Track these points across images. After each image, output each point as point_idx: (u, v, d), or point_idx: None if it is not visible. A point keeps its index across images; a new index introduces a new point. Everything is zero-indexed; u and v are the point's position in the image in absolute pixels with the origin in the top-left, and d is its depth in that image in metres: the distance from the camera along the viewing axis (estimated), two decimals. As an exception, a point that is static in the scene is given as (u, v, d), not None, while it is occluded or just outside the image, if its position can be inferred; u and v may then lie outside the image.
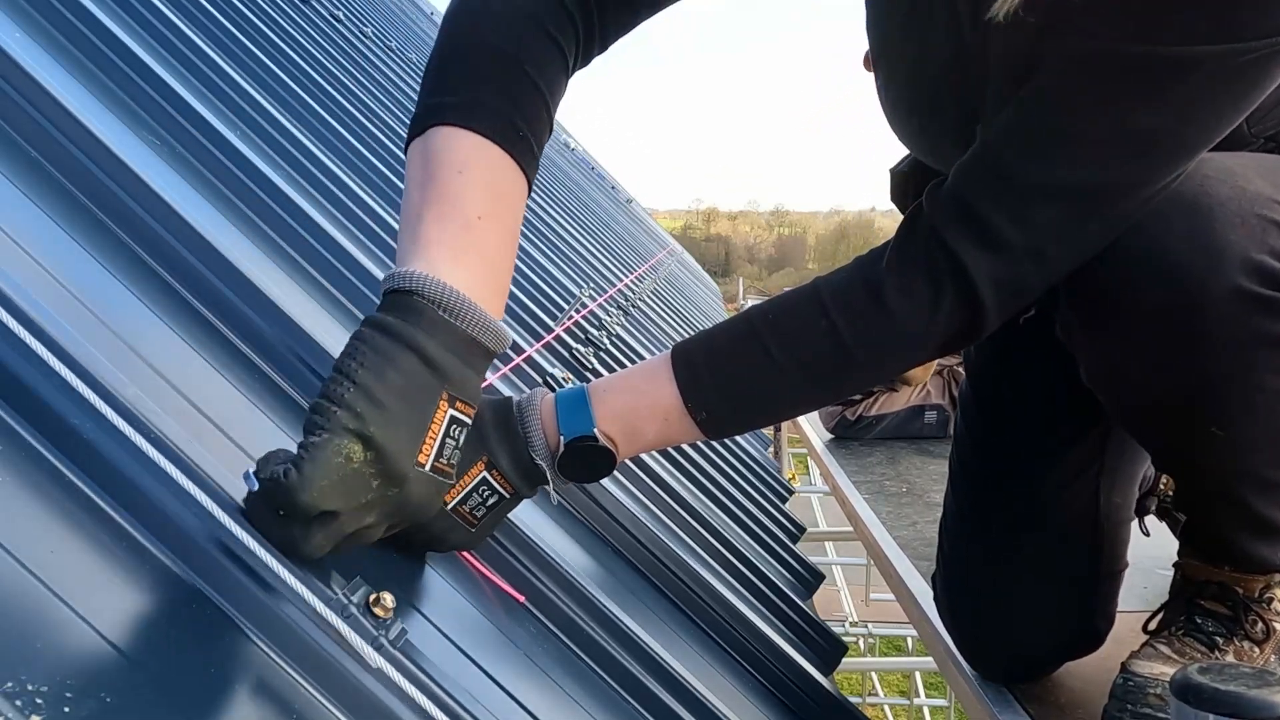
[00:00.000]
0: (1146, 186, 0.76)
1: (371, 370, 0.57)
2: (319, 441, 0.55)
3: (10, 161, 0.72)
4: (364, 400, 0.56)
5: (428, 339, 0.60)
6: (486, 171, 0.69)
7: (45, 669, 0.39)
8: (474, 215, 0.67)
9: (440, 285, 0.61)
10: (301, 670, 0.52)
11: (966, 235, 0.77)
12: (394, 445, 0.57)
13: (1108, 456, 1.03)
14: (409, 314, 0.61)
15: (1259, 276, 0.78)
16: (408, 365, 0.59)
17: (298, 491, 0.53)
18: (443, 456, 0.61)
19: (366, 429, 0.56)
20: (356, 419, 0.55)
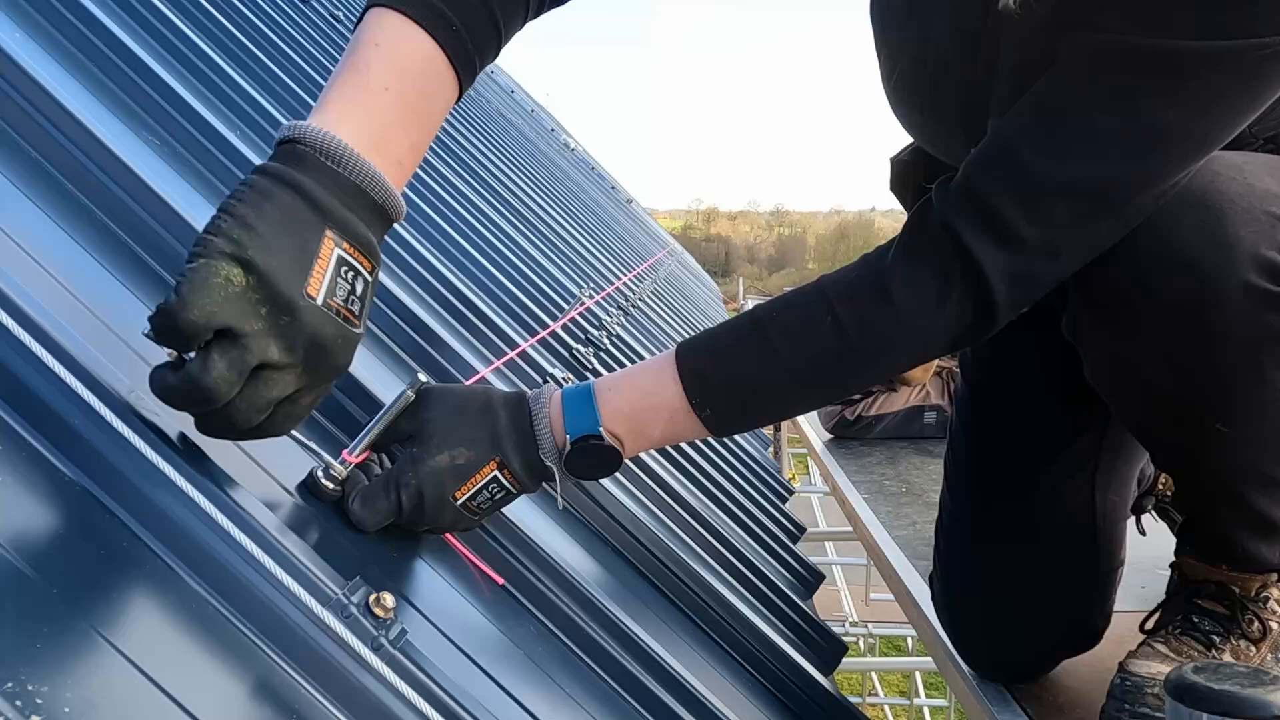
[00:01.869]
0: (1160, 183, 0.76)
1: (249, 204, 0.57)
2: (195, 266, 0.54)
3: (10, 161, 0.72)
4: (239, 228, 0.56)
5: (306, 178, 0.60)
6: (403, 49, 0.68)
7: (45, 669, 0.40)
8: (379, 85, 0.66)
9: (322, 134, 0.61)
10: (302, 670, 0.52)
11: (979, 229, 0.76)
12: (274, 268, 0.56)
13: (1103, 455, 1.04)
14: (291, 159, 0.61)
15: (1268, 273, 0.78)
16: (286, 200, 0.59)
17: (179, 311, 0.53)
18: (335, 295, 0.60)
19: (244, 252, 0.55)
20: (232, 244, 0.55)
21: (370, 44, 0.68)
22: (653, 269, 4.35)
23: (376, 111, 0.66)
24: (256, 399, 0.58)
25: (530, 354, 1.39)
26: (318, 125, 0.62)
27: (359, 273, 0.63)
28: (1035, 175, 0.75)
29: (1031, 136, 0.76)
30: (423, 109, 0.69)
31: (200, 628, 0.50)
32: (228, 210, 0.57)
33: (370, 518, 0.70)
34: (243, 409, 0.57)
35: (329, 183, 0.61)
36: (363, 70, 0.67)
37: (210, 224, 0.57)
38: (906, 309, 0.78)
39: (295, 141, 0.61)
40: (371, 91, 0.66)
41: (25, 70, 0.77)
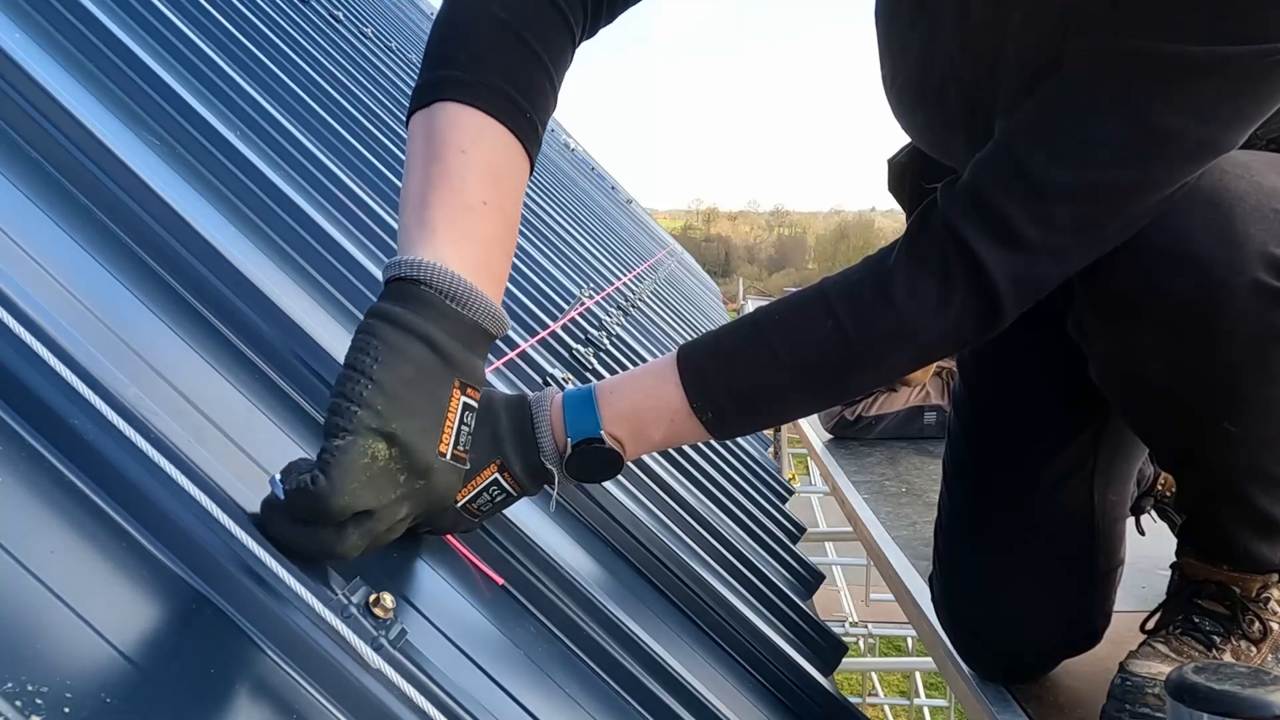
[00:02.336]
0: (1167, 187, 0.76)
1: (386, 364, 0.57)
2: (344, 444, 0.55)
3: (10, 162, 0.72)
4: (382, 396, 0.56)
5: (437, 329, 0.60)
6: (489, 153, 0.68)
7: (45, 669, 0.40)
8: (477, 200, 0.67)
9: (447, 274, 0.61)
10: (301, 671, 0.52)
11: (984, 231, 0.76)
12: (417, 438, 0.57)
13: (1101, 454, 1.04)
14: (417, 304, 0.60)
15: (1277, 271, 0.78)
16: (420, 356, 0.59)
17: (329, 497, 0.53)
18: (459, 444, 0.62)
19: (389, 425, 0.56)
20: (377, 416, 0.55)
21: (456, 150, 0.67)
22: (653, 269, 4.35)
23: (481, 233, 0.66)
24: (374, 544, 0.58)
25: (530, 354, 1.39)
26: (431, 258, 0.62)
27: (474, 410, 0.63)
28: (1041, 179, 0.75)
29: (1038, 140, 0.76)
30: (513, 212, 0.70)
31: (199, 627, 0.50)
32: (366, 373, 0.57)
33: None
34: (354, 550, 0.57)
35: (455, 329, 0.61)
36: (457, 186, 0.66)
37: (349, 388, 0.56)
38: (908, 310, 0.78)
39: (418, 282, 0.61)
40: (472, 211, 0.66)
41: (25, 70, 0.77)
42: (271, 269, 0.94)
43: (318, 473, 0.54)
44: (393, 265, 0.63)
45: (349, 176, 1.40)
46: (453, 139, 0.68)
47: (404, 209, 0.68)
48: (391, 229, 1.38)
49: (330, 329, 0.92)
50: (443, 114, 0.69)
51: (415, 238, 0.65)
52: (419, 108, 0.70)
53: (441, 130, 0.68)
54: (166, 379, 0.64)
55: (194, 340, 0.72)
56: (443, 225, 0.65)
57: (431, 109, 0.69)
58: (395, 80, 2.65)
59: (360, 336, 0.59)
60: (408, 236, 0.66)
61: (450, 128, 0.68)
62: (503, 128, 0.69)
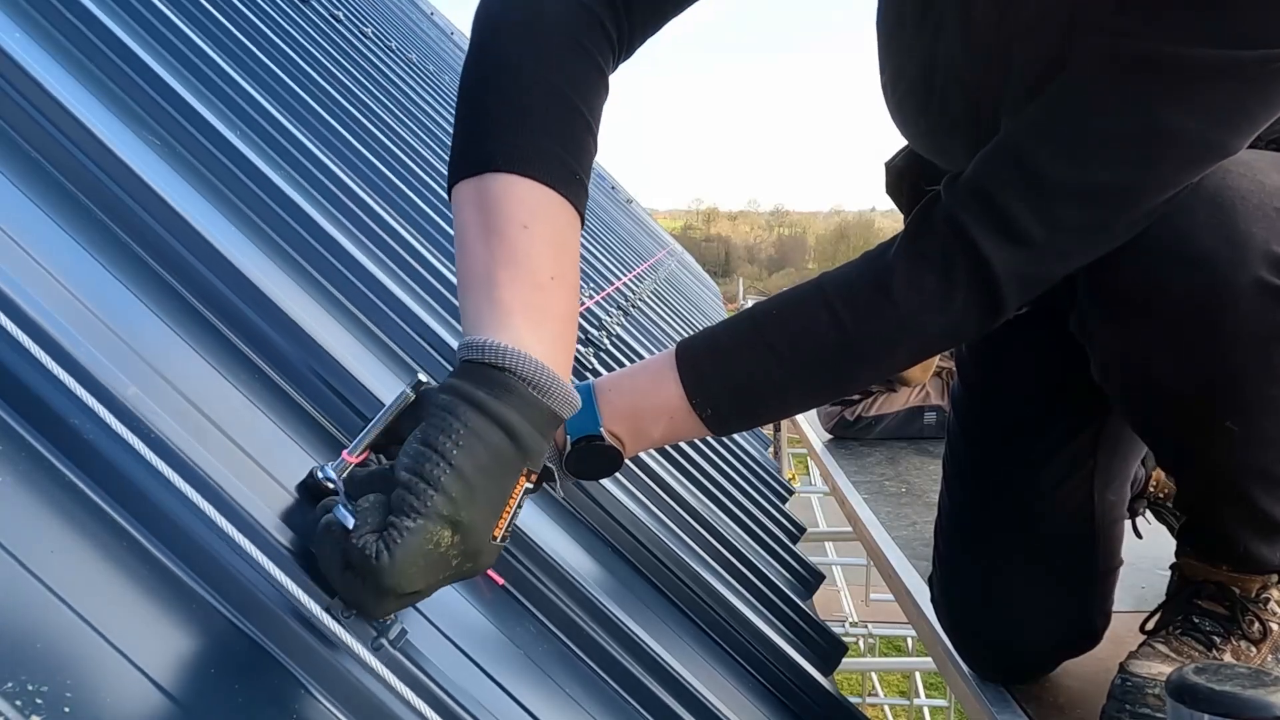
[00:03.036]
0: (1172, 188, 0.77)
1: (466, 450, 0.56)
2: (414, 527, 0.54)
3: (10, 161, 0.72)
4: (459, 484, 0.55)
5: (519, 417, 0.59)
6: (552, 226, 0.67)
7: (45, 669, 0.40)
8: (546, 277, 0.65)
9: (531, 361, 0.60)
10: (302, 670, 0.52)
11: (989, 227, 0.76)
12: (479, 527, 0.57)
13: (1100, 454, 1.04)
14: (500, 390, 0.59)
15: (1279, 270, 0.78)
16: (498, 444, 0.58)
17: (386, 575, 0.53)
18: (511, 527, 0.61)
19: (459, 514, 0.55)
20: (451, 504, 0.55)
21: (519, 225, 0.66)
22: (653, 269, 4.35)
23: (554, 311, 0.65)
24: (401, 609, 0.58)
25: (530, 354, 1.38)
26: (512, 343, 0.60)
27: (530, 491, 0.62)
28: (1048, 178, 0.75)
29: (1045, 139, 0.76)
30: (575, 281, 0.69)
31: (200, 627, 0.50)
32: (446, 456, 0.56)
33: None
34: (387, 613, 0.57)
35: (534, 416, 0.60)
36: (525, 263, 0.65)
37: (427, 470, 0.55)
38: (907, 305, 0.78)
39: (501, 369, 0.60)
40: (542, 289, 0.65)
41: (25, 70, 0.77)
42: (271, 268, 0.94)
43: (382, 547, 0.53)
44: (471, 347, 0.61)
45: (349, 176, 1.40)
46: (513, 213, 0.66)
47: (469, 286, 0.66)
48: (390, 227, 1.37)
49: (329, 327, 0.92)
50: (497, 185, 0.67)
51: (488, 318, 0.63)
52: (467, 175, 0.68)
53: (498, 203, 0.66)
54: (167, 379, 0.64)
55: (194, 340, 0.72)
56: (518, 306, 0.63)
57: (483, 179, 0.67)
58: (395, 80, 2.65)
59: (441, 416, 0.58)
60: (479, 316, 0.64)
61: (508, 200, 0.66)
62: (560, 197, 0.68)
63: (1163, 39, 0.71)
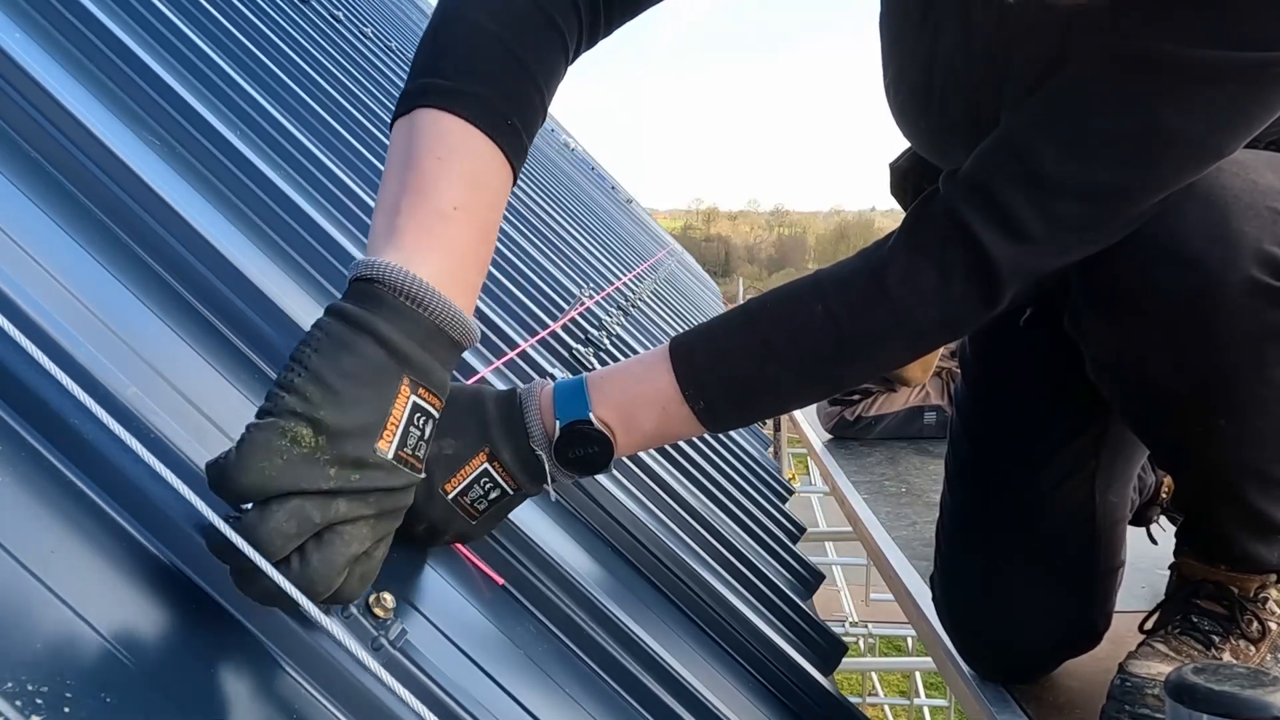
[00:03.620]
0: (1171, 187, 0.77)
1: (324, 355, 0.56)
2: (262, 424, 0.53)
3: (10, 161, 0.72)
4: (314, 384, 0.54)
5: (388, 325, 0.58)
6: (468, 160, 0.67)
7: (45, 669, 0.40)
8: (449, 206, 0.65)
9: (404, 274, 0.59)
10: (302, 670, 0.52)
11: (988, 220, 0.76)
12: (347, 428, 0.55)
13: (1103, 455, 1.04)
14: (370, 301, 0.59)
15: (1271, 268, 0.79)
16: (365, 350, 0.57)
17: (232, 473, 0.51)
18: (406, 446, 0.58)
19: (315, 412, 0.54)
20: (303, 402, 0.54)
21: (433, 157, 0.65)
22: (653, 269, 4.35)
23: (451, 239, 0.64)
24: (334, 558, 0.54)
25: (530, 354, 1.39)
26: (395, 261, 0.60)
27: (430, 415, 0.61)
28: (1049, 176, 0.75)
29: (1046, 135, 0.76)
30: (490, 221, 0.68)
31: (199, 626, 0.50)
32: (302, 361, 0.55)
33: None
34: (322, 572, 0.53)
35: (409, 327, 0.59)
36: (430, 192, 0.65)
37: (283, 376, 0.55)
38: (903, 297, 0.78)
39: (373, 281, 0.59)
40: (443, 216, 0.64)
41: (25, 70, 0.77)
42: (271, 268, 0.94)
43: (231, 449, 0.53)
44: (354, 266, 0.61)
45: (349, 176, 1.40)
46: (430, 146, 0.66)
47: (376, 215, 0.66)
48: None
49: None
50: (424, 120, 0.67)
51: (382, 243, 0.63)
52: (401, 115, 0.69)
53: (420, 136, 0.67)
54: (166, 378, 0.64)
55: (194, 340, 0.72)
56: (411, 230, 0.63)
57: (412, 115, 0.68)
58: (395, 80, 2.65)
59: (310, 330, 0.58)
60: (374, 241, 0.64)
61: (429, 134, 0.67)
62: (483, 135, 0.67)
63: (1165, 39, 0.71)
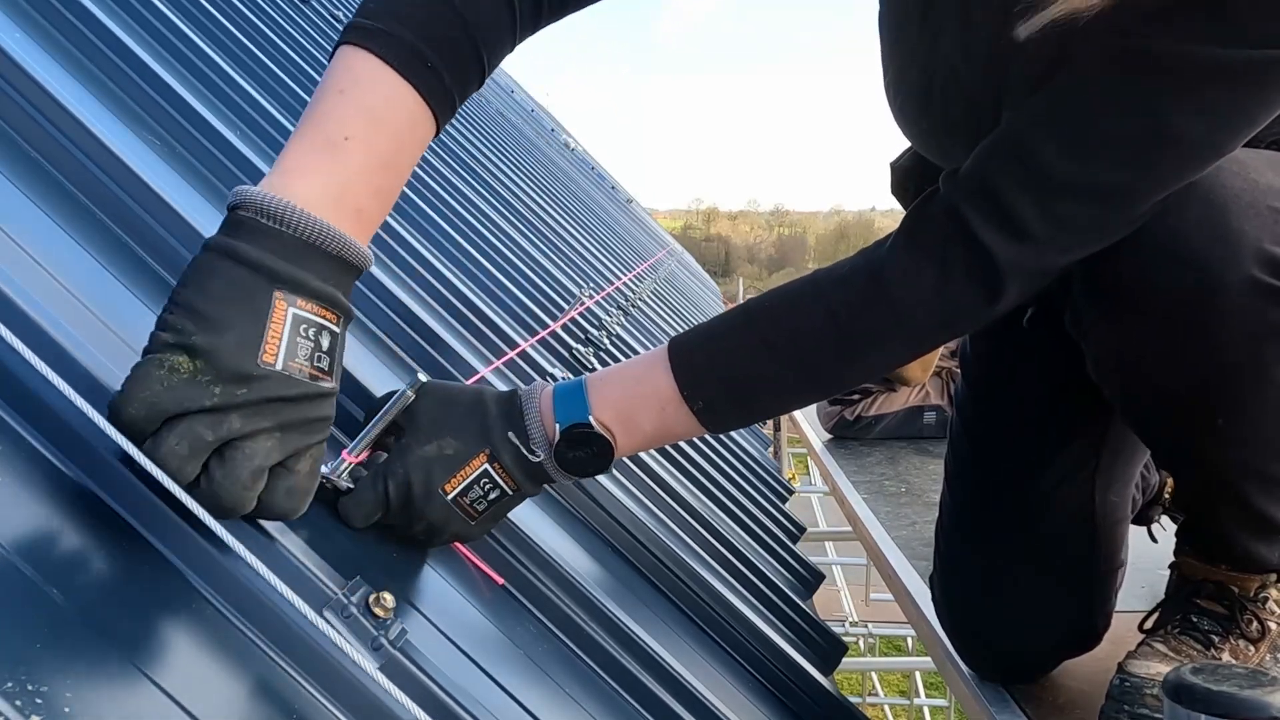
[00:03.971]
0: (1173, 186, 0.77)
1: (190, 286, 0.56)
2: (140, 362, 0.54)
3: (10, 161, 0.72)
4: (184, 315, 0.55)
5: (248, 245, 0.58)
6: (369, 94, 0.65)
7: (45, 669, 0.40)
8: (339, 136, 0.64)
9: (265, 196, 0.59)
10: (302, 670, 0.52)
11: (990, 220, 0.76)
12: (220, 346, 0.55)
13: (1103, 455, 1.04)
14: (232, 227, 0.59)
15: (1271, 268, 0.79)
16: (226, 271, 0.57)
17: (121, 406, 0.52)
18: (297, 357, 0.58)
19: (187, 339, 0.54)
20: (176, 334, 0.54)
21: (335, 91, 0.65)
22: (653, 269, 4.35)
23: (334, 164, 0.63)
24: (238, 471, 0.54)
25: (530, 354, 1.39)
26: (265, 189, 0.60)
27: (323, 327, 0.60)
28: (1053, 175, 0.75)
29: (1049, 134, 0.76)
30: (391, 154, 0.67)
31: (200, 627, 0.50)
32: (173, 299, 0.56)
33: (357, 510, 0.70)
34: (226, 486, 0.54)
35: (273, 245, 0.58)
36: (322, 122, 0.64)
37: (159, 318, 0.56)
38: (903, 296, 0.77)
39: (238, 208, 0.59)
40: (330, 143, 0.63)
41: (25, 70, 0.77)
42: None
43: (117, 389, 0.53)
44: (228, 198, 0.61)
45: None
46: (335, 81, 0.65)
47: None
48: (391, 227, 1.38)
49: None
50: (338, 58, 0.66)
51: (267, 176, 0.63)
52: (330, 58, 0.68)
53: (330, 74, 0.66)
54: (166, 379, 0.64)
55: (194, 340, 0.72)
56: (292, 156, 0.63)
57: (334, 55, 0.67)
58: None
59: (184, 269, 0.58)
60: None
61: (337, 70, 0.66)
62: (394, 73, 0.66)
63: (1167, 38, 0.71)
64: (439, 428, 0.73)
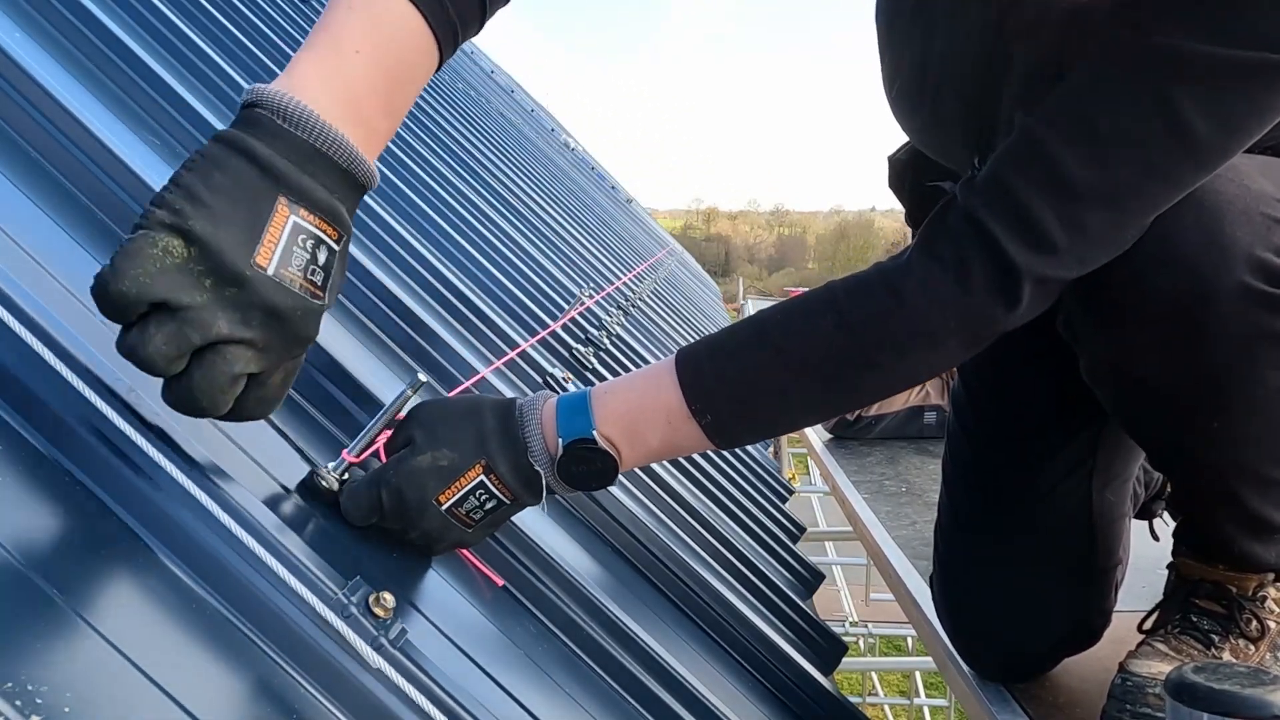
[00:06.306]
0: (1184, 188, 0.76)
1: (196, 172, 0.56)
2: (134, 236, 0.53)
3: (10, 161, 0.72)
4: (184, 198, 0.54)
5: (260, 144, 0.57)
6: (380, 12, 0.65)
7: (45, 669, 0.40)
8: (349, 48, 0.63)
9: (284, 97, 0.58)
10: (302, 670, 0.52)
11: (1012, 231, 0.74)
12: (218, 239, 0.54)
13: (1100, 454, 1.04)
14: (246, 124, 0.58)
15: (1263, 274, 0.79)
16: (235, 167, 0.56)
17: (109, 281, 0.51)
18: (291, 265, 0.57)
19: (184, 222, 0.53)
20: (174, 215, 0.54)
21: (345, 6, 0.64)
22: (653, 269, 4.35)
23: (346, 75, 0.63)
24: (215, 376, 0.55)
25: (530, 354, 1.39)
26: (280, 89, 0.60)
27: (321, 240, 0.59)
28: (1074, 185, 0.74)
29: (1069, 142, 0.74)
30: (399, 75, 0.66)
31: (200, 627, 0.50)
32: (175, 180, 0.55)
33: (354, 510, 0.69)
34: (203, 387, 0.54)
35: (284, 147, 0.58)
36: (335, 31, 0.63)
37: (158, 195, 0.55)
38: (920, 309, 0.76)
39: (254, 105, 0.58)
40: (342, 54, 0.63)
41: (25, 70, 0.77)
42: (271, 269, 0.94)
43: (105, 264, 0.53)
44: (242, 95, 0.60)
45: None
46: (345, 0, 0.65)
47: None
48: (390, 227, 1.38)
49: (327, 325, 0.92)
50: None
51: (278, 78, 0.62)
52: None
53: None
54: (166, 379, 0.64)
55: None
56: (305, 63, 0.62)
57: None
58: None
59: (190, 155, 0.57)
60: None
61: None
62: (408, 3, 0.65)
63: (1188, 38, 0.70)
64: (434, 440, 0.73)
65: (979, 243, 0.75)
